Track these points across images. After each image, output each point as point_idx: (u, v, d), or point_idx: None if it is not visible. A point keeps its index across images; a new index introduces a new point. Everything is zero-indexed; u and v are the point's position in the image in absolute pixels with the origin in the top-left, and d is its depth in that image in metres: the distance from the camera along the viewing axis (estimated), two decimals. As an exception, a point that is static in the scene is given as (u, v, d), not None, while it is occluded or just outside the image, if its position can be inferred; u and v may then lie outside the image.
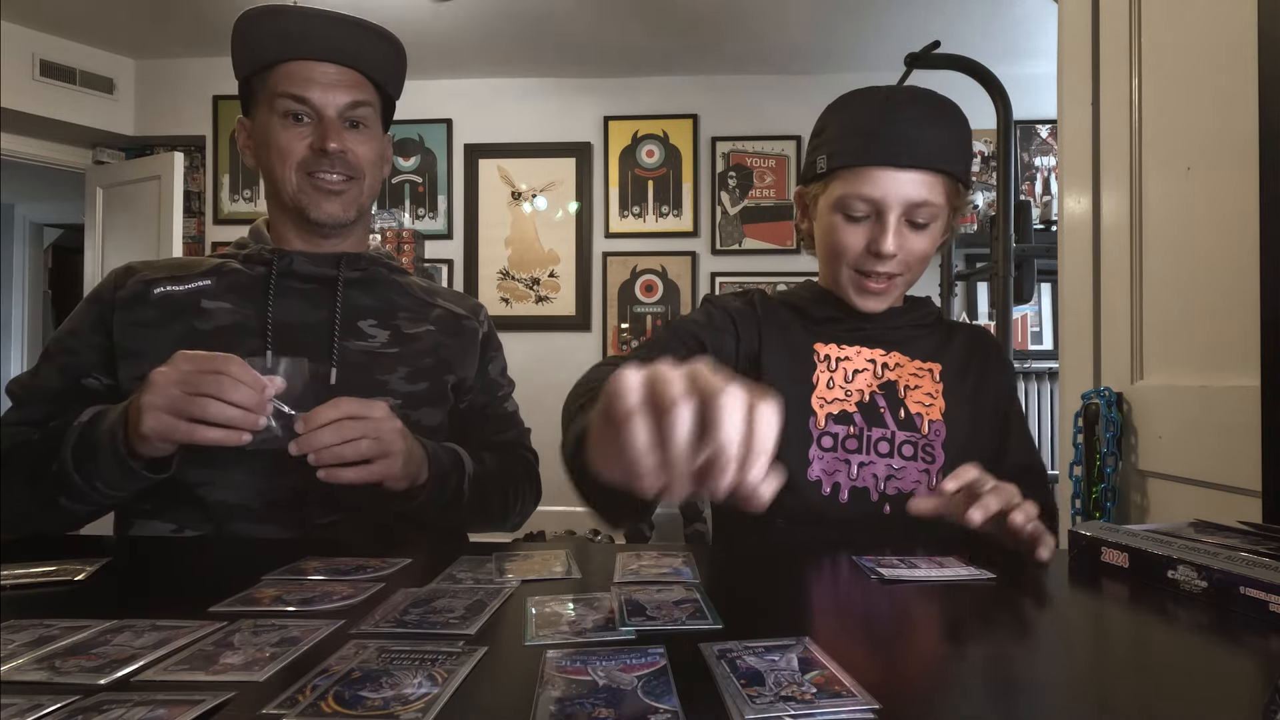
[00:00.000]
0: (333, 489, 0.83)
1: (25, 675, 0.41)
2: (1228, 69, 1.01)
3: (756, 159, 4.11)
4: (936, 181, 0.84)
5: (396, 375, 0.91)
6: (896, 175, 0.82)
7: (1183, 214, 1.11)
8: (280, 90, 0.88)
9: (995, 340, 1.03)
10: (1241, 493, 0.95)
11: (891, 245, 0.83)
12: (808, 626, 0.49)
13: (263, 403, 0.70)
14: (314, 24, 0.88)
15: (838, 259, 0.89)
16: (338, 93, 0.89)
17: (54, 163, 4.06)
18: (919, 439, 0.88)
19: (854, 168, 0.83)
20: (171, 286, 0.88)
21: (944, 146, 0.84)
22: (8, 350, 5.69)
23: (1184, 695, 0.42)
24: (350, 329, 0.91)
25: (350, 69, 0.90)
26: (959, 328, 1.00)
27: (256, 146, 0.92)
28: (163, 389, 0.69)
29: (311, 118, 0.89)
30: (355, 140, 0.91)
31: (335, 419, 0.73)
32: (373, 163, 0.93)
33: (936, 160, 0.83)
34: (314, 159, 0.88)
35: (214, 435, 0.69)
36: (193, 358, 0.71)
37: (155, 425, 0.69)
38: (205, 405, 0.68)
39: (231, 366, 0.69)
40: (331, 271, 0.92)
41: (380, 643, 0.45)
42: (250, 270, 0.91)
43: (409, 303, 0.98)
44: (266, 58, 0.89)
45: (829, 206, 0.87)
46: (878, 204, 0.83)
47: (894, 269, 0.86)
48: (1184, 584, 0.58)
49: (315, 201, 0.90)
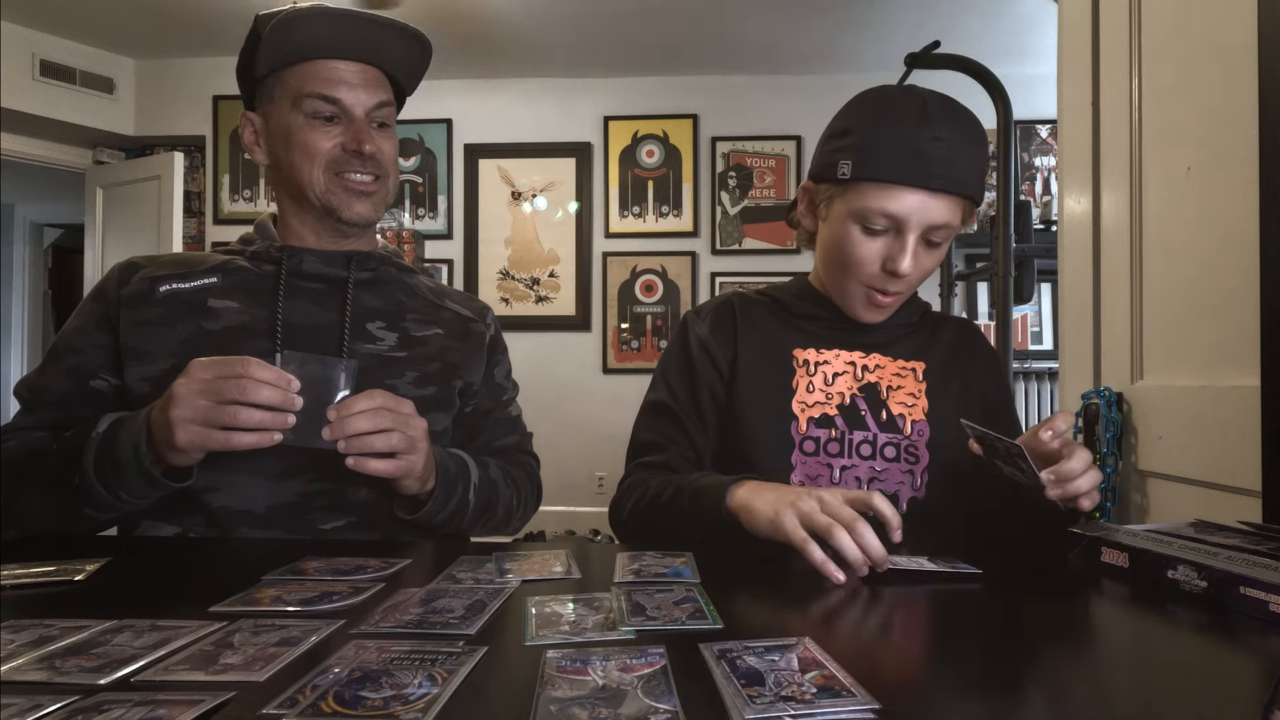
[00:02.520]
0: (337, 495, 0.83)
1: (25, 675, 0.41)
2: (1228, 69, 1.01)
3: (756, 159, 4.11)
4: (958, 205, 0.83)
5: (405, 380, 0.90)
6: (926, 200, 0.80)
7: (1183, 214, 1.11)
8: (308, 90, 0.87)
9: (979, 332, 1.03)
10: (1241, 493, 0.95)
11: (909, 265, 0.82)
12: (808, 626, 0.49)
13: (290, 399, 0.71)
14: (345, 23, 0.87)
15: (848, 271, 0.87)
16: (365, 93, 0.89)
17: (54, 163, 4.06)
18: (902, 440, 0.88)
19: (882, 183, 0.80)
20: (177, 284, 0.88)
21: (974, 171, 0.83)
22: (8, 350, 5.69)
23: (1184, 695, 0.42)
24: (359, 331, 0.91)
25: (373, 68, 0.90)
26: (944, 322, 1.00)
27: (272, 144, 0.91)
28: (189, 401, 0.70)
29: (340, 118, 0.88)
30: (382, 140, 0.91)
31: (370, 409, 0.74)
32: (394, 160, 0.94)
33: (966, 186, 0.82)
34: (345, 159, 0.88)
35: (248, 440, 0.70)
36: (211, 365, 0.71)
37: (189, 439, 0.70)
38: (235, 413, 0.69)
39: (252, 368, 0.70)
40: (342, 272, 0.91)
41: (380, 643, 0.45)
42: (257, 268, 0.91)
43: (417, 304, 0.97)
44: (293, 56, 0.88)
45: (845, 214, 0.84)
46: (900, 222, 0.81)
47: (904, 288, 0.87)
48: (1184, 584, 0.58)
49: (346, 202, 0.89)
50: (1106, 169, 1.29)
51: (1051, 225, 3.55)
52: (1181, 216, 1.12)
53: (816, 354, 0.91)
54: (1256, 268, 0.84)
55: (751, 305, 0.96)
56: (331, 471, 0.82)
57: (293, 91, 0.88)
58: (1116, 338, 1.26)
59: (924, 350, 0.94)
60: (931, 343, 0.95)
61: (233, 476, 0.81)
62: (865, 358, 0.91)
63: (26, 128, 3.82)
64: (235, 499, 0.82)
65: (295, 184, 0.89)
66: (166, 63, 4.04)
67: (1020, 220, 2.74)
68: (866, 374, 0.90)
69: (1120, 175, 1.25)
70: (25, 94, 3.62)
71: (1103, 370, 1.29)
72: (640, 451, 0.93)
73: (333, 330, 0.89)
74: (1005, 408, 0.98)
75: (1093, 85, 1.33)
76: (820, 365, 0.91)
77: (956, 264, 3.40)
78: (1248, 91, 0.88)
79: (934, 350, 0.94)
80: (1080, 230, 1.35)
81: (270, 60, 0.88)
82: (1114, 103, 1.27)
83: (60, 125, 3.83)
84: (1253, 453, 0.85)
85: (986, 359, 0.99)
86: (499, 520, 0.96)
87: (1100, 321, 1.30)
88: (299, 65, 0.88)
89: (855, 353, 0.92)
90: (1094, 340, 1.32)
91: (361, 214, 0.91)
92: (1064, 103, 1.41)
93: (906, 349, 0.93)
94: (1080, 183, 1.36)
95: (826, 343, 0.92)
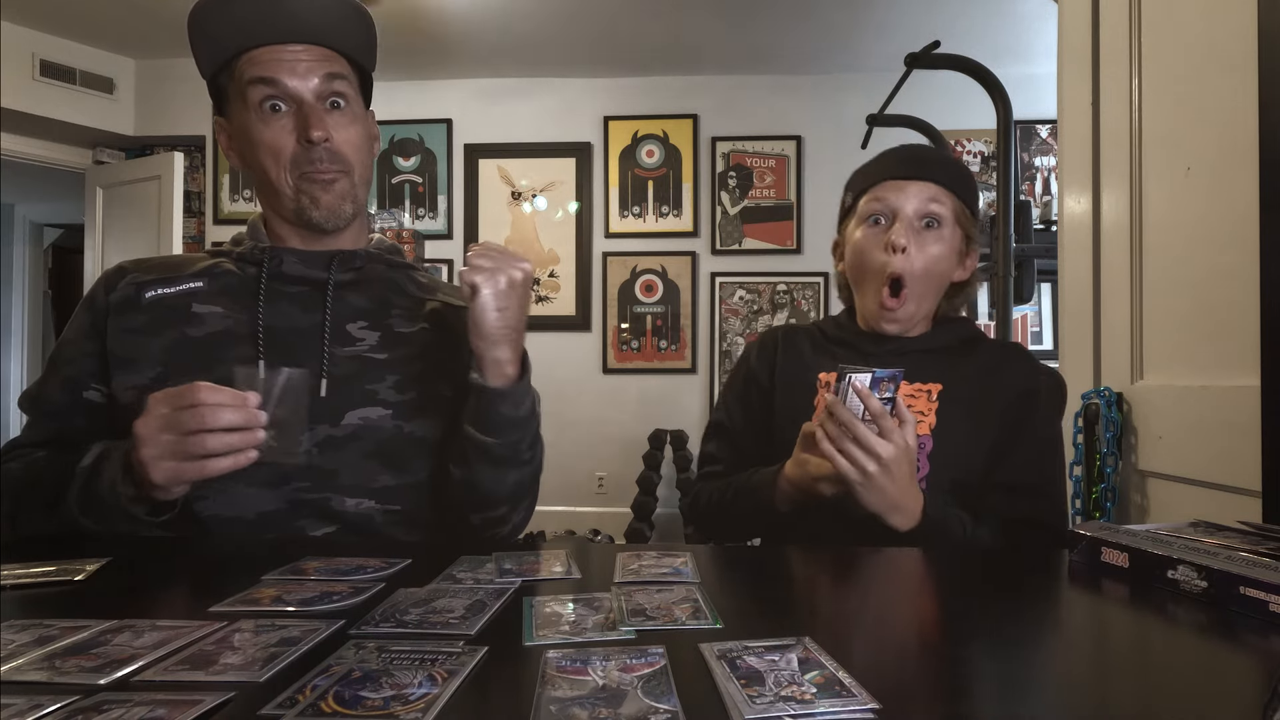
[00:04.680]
0: (323, 503, 0.83)
1: (25, 675, 0.41)
2: (1227, 69, 1.01)
3: (756, 159, 4.11)
4: (941, 193, 0.95)
5: (385, 384, 0.88)
6: (905, 184, 0.95)
7: (1183, 214, 1.11)
8: (249, 77, 0.83)
9: (1024, 353, 1.01)
10: (1241, 493, 0.95)
11: (903, 238, 0.92)
12: (808, 626, 0.49)
13: (253, 414, 0.70)
14: (269, 5, 0.84)
15: (861, 270, 0.97)
16: (309, 70, 0.84)
17: (54, 163, 4.07)
18: None
19: (871, 186, 0.97)
20: (163, 289, 0.87)
21: (944, 170, 0.97)
22: (8, 350, 5.69)
23: (1184, 695, 0.42)
24: (339, 333, 0.89)
25: (317, 46, 0.86)
26: (988, 348, 0.99)
27: (240, 147, 0.88)
28: (153, 439, 0.70)
29: (289, 104, 0.84)
30: (339, 124, 0.86)
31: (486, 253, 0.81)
32: (359, 147, 0.89)
33: (939, 176, 0.95)
34: (304, 156, 0.85)
35: (223, 465, 0.70)
36: (164, 398, 0.71)
37: (164, 476, 0.70)
38: (201, 441, 0.69)
39: (200, 394, 0.69)
40: (322, 274, 0.89)
41: (380, 643, 0.45)
42: (242, 270, 0.89)
43: (404, 300, 0.95)
44: (228, 50, 0.85)
45: (854, 226, 0.99)
46: (892, 207, 0.94)
47: (903, 268, 0.92)
48: (1184, 584, 0.58)
49: (313, 200, 0.87)
50: (1106, 169, 1.29)
51: (1051, 225, 3.55)
52: (1181, 216, 1.12)
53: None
54: (1256, 268, 0.84)
55: (795, 335, 1.07)
56: (320, 479, 0.83)
57: (240, 86, 0.85)
58: (1116, 338, 1.26)
59: (947, 372, 0.95)
60: (958, 366, 0.95)
61: (222, 484, 0.80)
62: None
63: (26, 128, 3.82)
64: (224, 506, 0.81)
65: (268, 187, 0.87)
66: (166, 63, 4.04)
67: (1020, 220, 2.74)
68: None
69: (1120, 175, 1.25)
70: (25, 94, 3.62)
71: (1103, 370, 1.30)
72: (705, 462, 1.09)
73: (314, 333, 0.87)
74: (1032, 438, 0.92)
75: (1093, 85, 1.33)
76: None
77: (956, 264, 3.40)
78: (1248, 91, 0.88)
79: (958, 371, 0.95)
80: (1080, 230, 1.35)
81: (208, 56, 0.86)
82: (1114, 103, 1.27)
83: (60, 125, 3.83)
84: (1253, 453, 0.85)
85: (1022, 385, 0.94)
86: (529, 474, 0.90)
87: (1100, 321, 1.30)
88: (243, 57, 0.84)
89: None
90: (1094, 340, 1.32)
91: (329, 206, 0.87)
92: (1064, 103, 1.41)
93: (927, 372, 0.95)
94: (1080, 183, 1.36)
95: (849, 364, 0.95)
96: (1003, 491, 0.90)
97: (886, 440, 0.77)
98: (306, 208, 0.87)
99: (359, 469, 0.84)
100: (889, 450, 0.77)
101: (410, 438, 0.87)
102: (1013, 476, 0.90)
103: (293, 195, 0.87)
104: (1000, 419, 0.92)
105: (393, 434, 0.86)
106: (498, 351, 0.82)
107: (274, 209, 0.90)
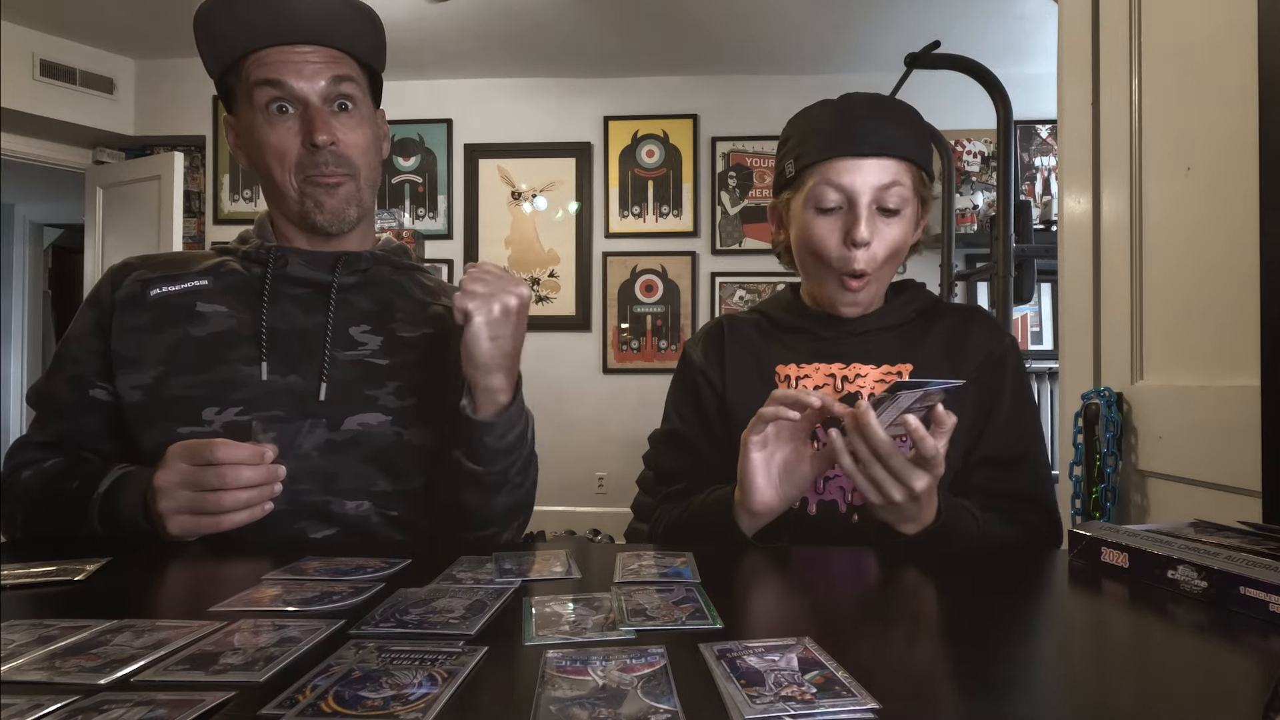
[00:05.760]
0: (326, 504, 0.83)
1: (25, 675, 0.41)
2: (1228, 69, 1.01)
3: (756, 159, 4.11)
4: (901, 167, 0.86)
5: (386, 390, 0.87)
6: (861, 163, 0.84)
7: (1183, 214, 1.11)
8: (255, 79, 0.83)
9: (984, 317, 0.96)
10: (1241, 493, 0.95)
11: (865, 232, 0.84)
12: (808, 626, 0.49)
13: (271, 471, 0.72)
14: (275, 6, 0.83)
15: (816, 259, 0.88)
16: (316, 73, 0.83)
17: (54, 163, 4.07)
18: None
19: (820, 163, 0.86)
20: (168, 287, 0.86)
21: (902, 137, 0.86)
22: (8, 350, 5.69)
23: (1184, 695, 0.42)
24: (341, 336, 0.88)
25: (324, 47, 0.85)
26: (945, 313, 0.95)
27: (247, 147, 0.88)
28: (172, 494, 0.72)
29: (295, 106, 0.84)
30: (345, 126, 0.86)
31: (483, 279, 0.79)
32: (365, 150, 0.88)
33: (898, 148, 0.85)
34: (309, 159, 0.84)
35: (240, 519, 0.72)
36: (183, 453, 0.72)
37: (181, 529, 0.73)
38: (219, 499, 0.71)
39: (220, 453, 0.70)
40: (326, 276, 0.89)
41: (380, 643, 0.45)
42: (248, 270, 0.89)
43: (408, 304, 0.94)
44: (235, 50, 0.84)
45: (802, 206, 0.89)
46: (848, 192, 0.85)
47: (867, 264, 0.85)
48: (1184, 584, 0.58)
49: (318, 204, 0.86)
50: (1106, 169, 1.29)
51: (1051, 225, 3.55)
52: (1181, 216, 1.12)
53: (797, 369, 0.91)
54: (1256, 268, 0.84)
55: (740, 325, 0.98)
56: (320, 482, 0.83)
57: (247, 87, 0.84)
58: (1116, 338, 1.26)
59: (912, 350, 0.91)
60: (923, 341, 0.92)
61: None
62: (845, 369, 0.90)
63: (26, 128, 3.82)
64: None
65: (273, 189, 0.87)
66: (166, 63, 4.04)
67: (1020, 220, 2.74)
68: (847, 385, 0.89)
69: (1120, 175, 1.25)
70: (25, 94, 3.62)
71: (1103, 370, 1.30)
72: (664, 480, 0.98)
73: (316, 335, 0.87)
74: (1006, 405, 0.89)
75: (1093, 85, 1.33)
76: (801, 380, 0.90)
77: (956, 264, 3.40)
78: (1248, 92, 0.88)
79: (925, 348, 0.91)
80: (1080, 230, 1.35)
81: (215, 56, 0.86)
82: (1114, 103, 1.27)
83: (60, 125, 3.83)
84: (1253, 453, 0.85)
85: (987, 349, 0.91)
86: (521, 496, 0.90)
87: (1100, 321, 1.30)
88: (250, 57, 0.84)
89: (835, 364, 0.90)
90: (1094, 340, 1.32)
91: (333, 210, 0.87)
92: (1064, 103, 1.41)
93: (891, 353, 0.91)
94: (1080, 183, 1.36)
95: (807, 357, 0.92)
96: (988, 467, 0.87)
97: (923, 471, 0.68)
98: (311, 211, 0.87)
99: (358, 473, 0.84)
100: (924, 484, 0.68)
101: (409, 445, 0.87)
102: (994, 449, 0.87)
103: (297, 198, 0.86)
104: (974, 389, 0.88)
105: (392, 440, 0.86)
106: (490, 380, 0.80)
107: (279, 210, 0.90)
